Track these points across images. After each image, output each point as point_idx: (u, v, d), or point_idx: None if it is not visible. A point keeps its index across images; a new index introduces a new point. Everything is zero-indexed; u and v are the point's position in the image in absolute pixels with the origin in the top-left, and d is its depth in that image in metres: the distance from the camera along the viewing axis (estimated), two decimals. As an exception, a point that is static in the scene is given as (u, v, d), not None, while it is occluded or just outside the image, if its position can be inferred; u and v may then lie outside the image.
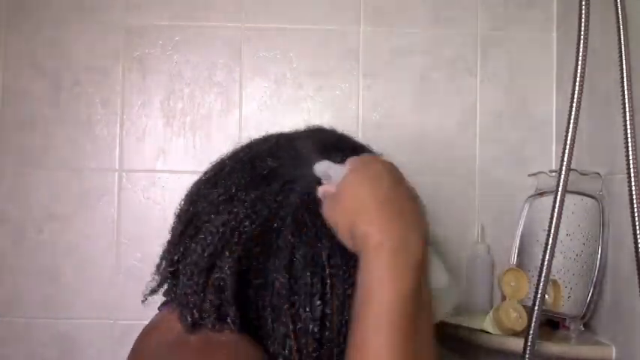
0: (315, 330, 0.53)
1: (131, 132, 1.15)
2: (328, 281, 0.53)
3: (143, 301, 0.62)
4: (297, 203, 0.56)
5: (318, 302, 0.53)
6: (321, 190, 0.57)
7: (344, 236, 0.53)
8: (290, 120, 1.16)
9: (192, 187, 0.63)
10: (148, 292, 0.62)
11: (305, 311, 0.53)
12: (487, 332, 0.96)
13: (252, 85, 1.17)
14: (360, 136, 1.13)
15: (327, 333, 0.53)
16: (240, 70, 1.16)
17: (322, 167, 0.58)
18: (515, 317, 0.94)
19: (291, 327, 0.53)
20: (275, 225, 0.56)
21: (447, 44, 1.17)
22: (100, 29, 1.15)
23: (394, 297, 0.48)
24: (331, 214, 0.54)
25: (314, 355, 0.53)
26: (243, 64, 1.17)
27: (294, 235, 0.55)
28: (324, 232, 0.55)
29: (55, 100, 1.15)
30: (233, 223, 0.56)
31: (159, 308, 0.64)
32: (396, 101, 1.17)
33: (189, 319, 0.55)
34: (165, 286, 0.62)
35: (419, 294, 0.50)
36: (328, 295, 0.53)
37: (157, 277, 0.62)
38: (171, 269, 0.60)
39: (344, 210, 0.52)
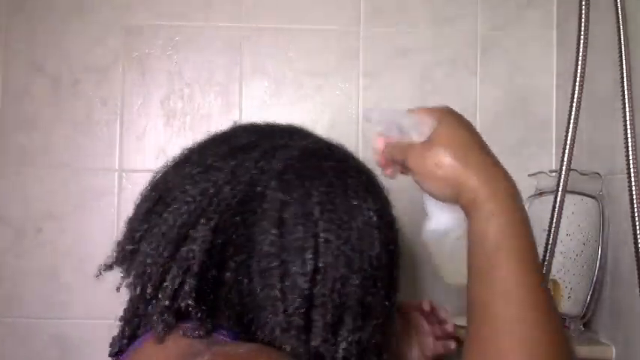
0: (305, 286, 0.51)
1: (131, 132, 1.15)
2: (322, 235, 0.52)
3: (97, 276, 0.60)
4: (280, 168, 0.55)
5: (310, 256, 0.51)
6: (382, 141, 0.56)
7: (439, 185, 0.51)
8: (290, 120, 1.15)
9: (156, 174, 0.62)
10: (102, 267, 0.59)
11: (294, 266, 0.51)
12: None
13: (252, 85, 1.16)
14: (360, 136, 1.14)
15: (318, 288, 0.51)
16: (240, 70, 1.16)
17: (384, 114, 0.56)
18: None
19: (278, 286, 0.51)
20: (258, 189, 0.54)
21: (447, 44, 1.17)
22: (100, 29, 1.15)
23: (519, 243, 0.48)
24: (422, 162, 0.52)
25: (301, 311, 0.51)
26: (243, 64, 1.16)
27: (284, 193, 0.53)
28: (314, 188, 0.53)
29: (55, 99, 1.15)
30: (212, 190, 0.54)
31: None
32: (396, 101, 1.17)
33: (139, 290, 0.53)
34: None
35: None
36: (322, 250, 0.52)
37: (114, 255, 0.59)
38: (131, 247, 0.57)
39: (444, 159, 0.51)
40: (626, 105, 0.81)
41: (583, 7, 0.83)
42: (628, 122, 0.80)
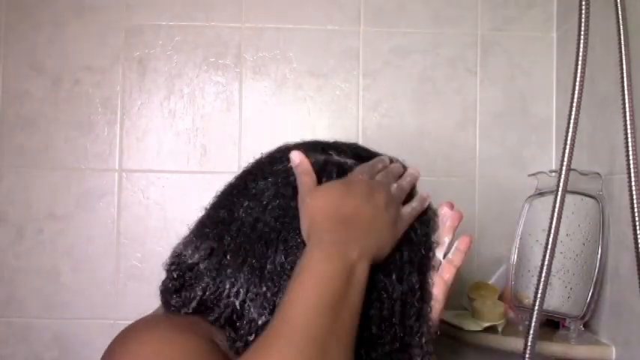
0: None
1: (131, 132, 1.15)
2: None
3: None
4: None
5: None
6: None
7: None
8: (290, 120, 1.16)
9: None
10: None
11: None
12: (487, 332, 0.96)
13: (252, 85, 1.17)
14: (360, 136, 1.14)
15: None
16: (240, 70, 1.16)
17: None
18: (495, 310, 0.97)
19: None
20: None
21: (447, 44, 1.17)
22: (100, 29, 1.15)
23: None
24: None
25: None
26: (243, 64, 1.16)
27: None
28: None
29: (55, 100, 1.15)
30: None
31: None
32: (396, 101, 1.17)
33: None
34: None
35: None
36: None
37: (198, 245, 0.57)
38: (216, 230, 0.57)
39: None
40: (626, 105, 0.81)
41: (583, 7, 0.83)
42: (628, 122, 0.80)
